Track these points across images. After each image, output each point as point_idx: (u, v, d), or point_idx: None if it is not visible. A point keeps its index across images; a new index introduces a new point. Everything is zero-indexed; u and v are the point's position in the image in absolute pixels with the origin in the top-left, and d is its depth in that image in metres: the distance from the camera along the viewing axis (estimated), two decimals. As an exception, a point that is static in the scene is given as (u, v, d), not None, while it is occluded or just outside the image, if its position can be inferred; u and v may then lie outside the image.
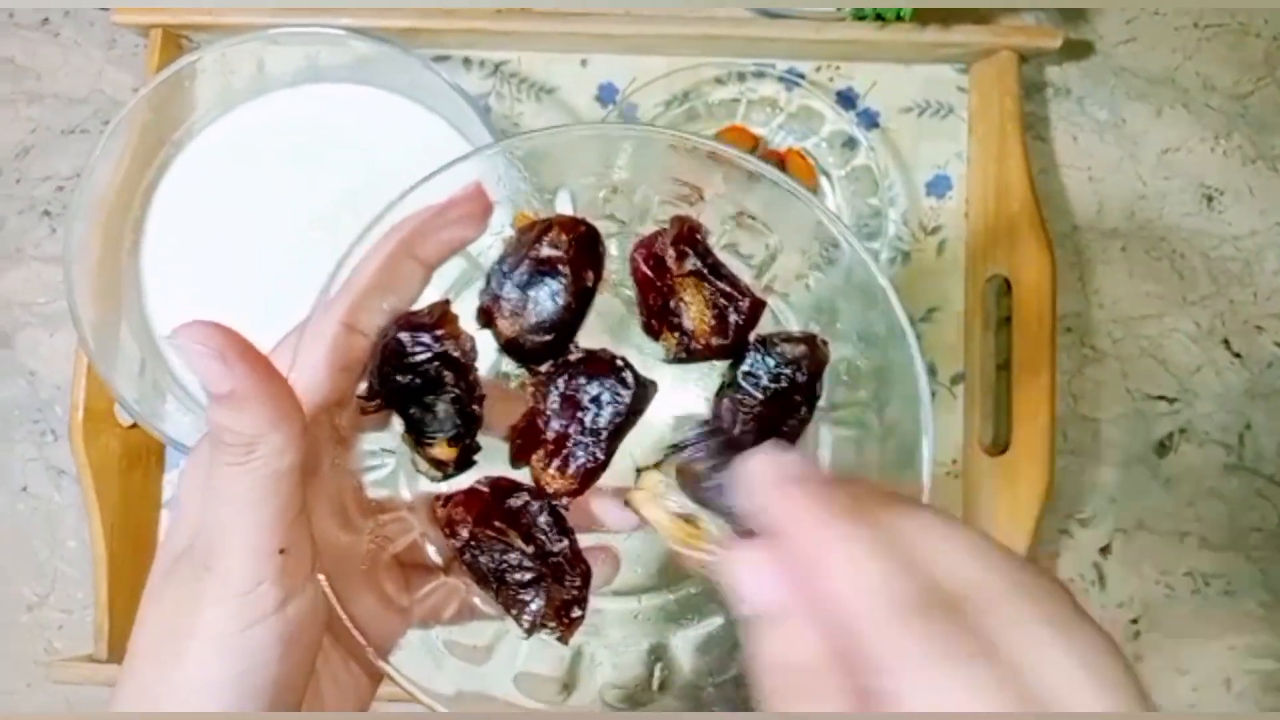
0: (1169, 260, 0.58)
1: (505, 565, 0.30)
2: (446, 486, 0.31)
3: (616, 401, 0.30)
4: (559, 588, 0.30)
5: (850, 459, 0.32)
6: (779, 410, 0.31)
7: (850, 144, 0.55)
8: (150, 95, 0.50)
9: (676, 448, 0.30)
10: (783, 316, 0.34)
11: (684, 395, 0.33)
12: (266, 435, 0.25)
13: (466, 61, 0.58)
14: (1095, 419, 0.57)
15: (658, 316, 0.32)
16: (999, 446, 0.55)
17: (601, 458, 0.30)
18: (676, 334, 0.32)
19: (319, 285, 0.52)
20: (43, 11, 0.60)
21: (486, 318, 0.31)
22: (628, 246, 0.32)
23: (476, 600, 0.32)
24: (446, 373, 0.30)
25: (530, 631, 0.30)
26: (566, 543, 0.31)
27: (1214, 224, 0.58)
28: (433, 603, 0.32)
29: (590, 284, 0.30)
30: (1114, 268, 0.58)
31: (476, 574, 0.31)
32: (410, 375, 0.29)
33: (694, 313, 0.31)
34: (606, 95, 0.58)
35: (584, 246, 0.30)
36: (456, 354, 0.30)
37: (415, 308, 0.31)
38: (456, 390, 0.30)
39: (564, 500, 0.30)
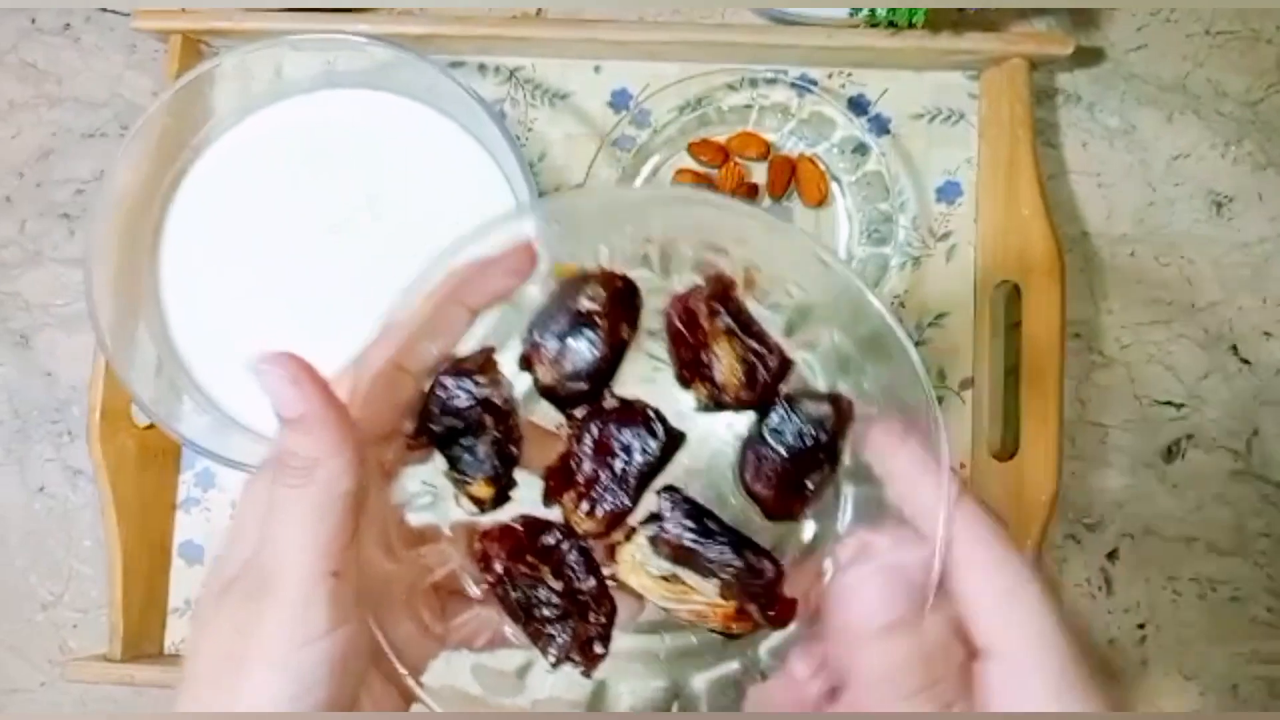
0: (1178, 266, 0.58)
1: (535, 600, 0.31)
2: (486, 519, 0.33)
3: (646, 451, 0.31)
4: (584, 624, 0.32)
5: (873, 516, 0.32)
6: (802, 467, 0.32)
7: (861, 150, 0.56)
8: (170, 100, 0.50)
9: (654, 517, 0.31)
10: (811, 371, 0.35)
11: (711, 441, 0.35)
12: (327, 460, 0.27)
13: (481, 67, 0.59)
14: (1103, 424, 0.58)
15: (689, 368, 0.33)
16: (1007, 452, 0.55)
17: (628, 504, 0.32)
18: (707, 385, 0.33)
19: (335, 289, 0.53)
20: (65, 16, 0.61)
21: (527, 364, 0.33)
22: (663, 298, 0.34)
23: (507, 630, 0.33)
24: (487, 417, 0.31)
25: (556, 664, 0.31)
26: (594, 581, 0.32)
27: (1224, 230, 0.58)
28: (467, 631, 0.33)
29: (625, 336, 0.32)
30: (1123, 274, 0.58)
31: (507, 607, 0.32)
32: (453, 418, 0.31)
33: (724, 366, 0.32)
34: (619, 101, 0.58)
35: (620, 301, 0.32)
36: (497, 400, 0.32)
37: (461, 352, 0.33)
38: (496, 433, 0.32)
39: (590, 539, 0.32)
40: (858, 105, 0.58)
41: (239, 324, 0.53)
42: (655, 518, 0.31)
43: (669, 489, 0.31)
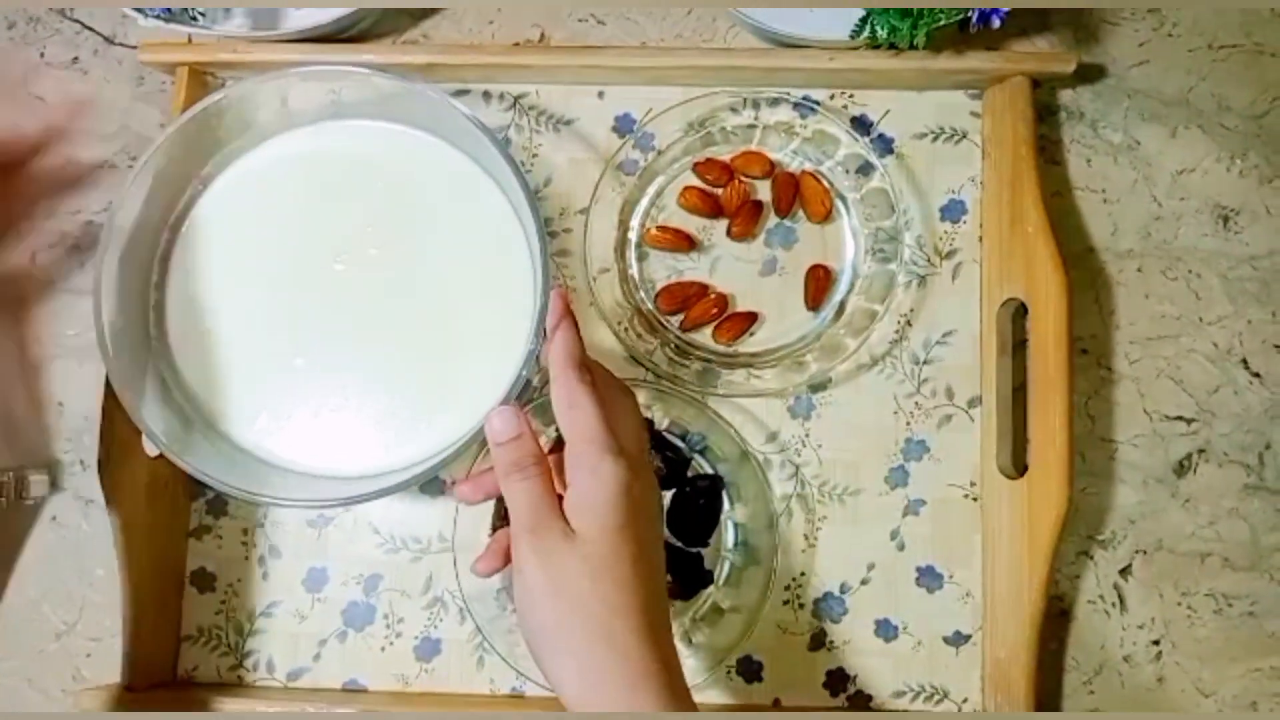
0: (1185, 280, 0.58)
1: None
2: None
3: None
4: None
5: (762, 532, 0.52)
6: (702, 512, 0.55)
7: (865, 169, 0.56)
8: (177, 132, 0.50)
9: None
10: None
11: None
12: (532, 462, 0.43)
13: (486, 95, 0.59)
14: (1113, 440, 0.58)
15: None
16: (1017, 469, 0.55)
17: None
18: None
19: (341, 318, 0.53)
20: (72, 50, 0.62)
21: None
22: None
23: None
24: None
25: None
26: None
27: (1231, 244, 0.58)
28: None
29: None
30: (1130, 289, 0.58)
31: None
32: None
33: (655, 466, 0.54)
34: (624, 125, 0.59)
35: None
36: None
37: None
38: None
39: None
40: (861, 125, 0.58)
41: (246, 354, 0.53)
42: None
43: None
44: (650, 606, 0.41)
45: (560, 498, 0.43)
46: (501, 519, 0.54)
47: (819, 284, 0.57)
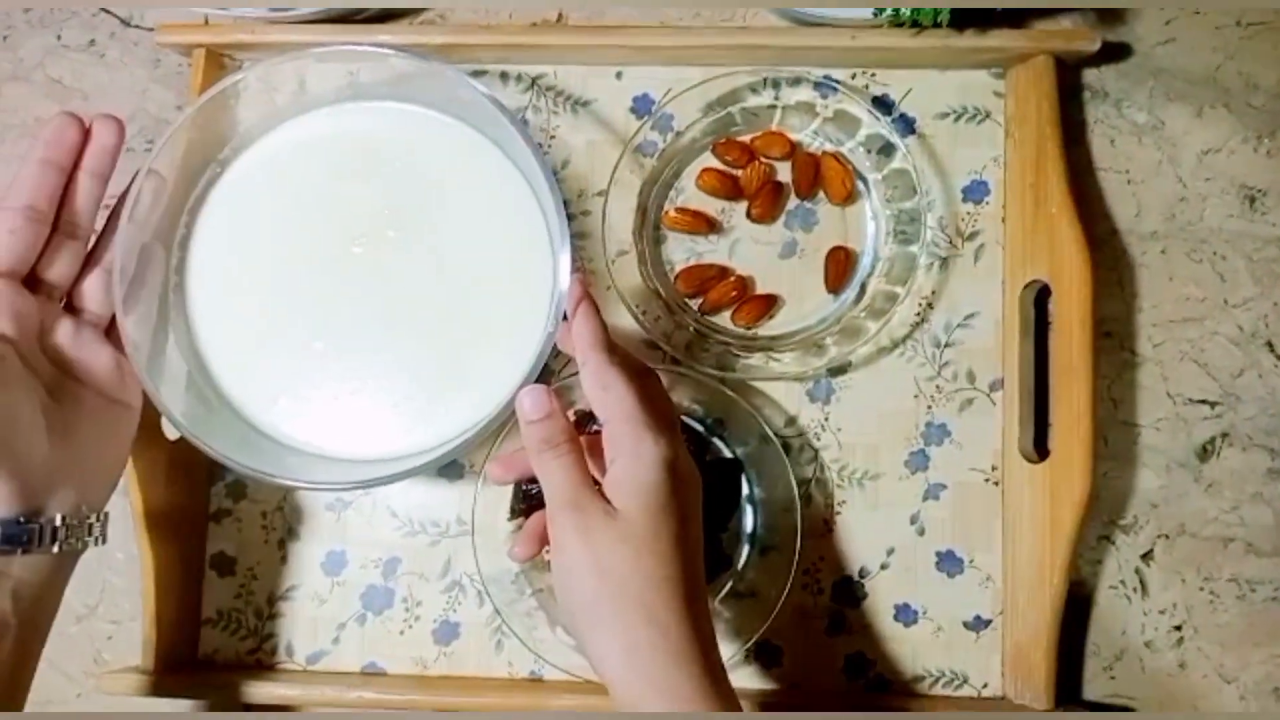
0: (1210, 263, 0.58)
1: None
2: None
3: None
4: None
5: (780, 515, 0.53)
6: (722, 495, 0.55)
7: (887, 149, 0.55)
8: (194, 114, 0.50)
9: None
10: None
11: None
12: (565, 439, 0.43)
13: (503, 75, 0.59)
14: (1136, 424, 0.57)
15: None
16: (1039, 454, 0.54)
17: None
18: None
19: (359, 300, 0.53)
20: (90, 32, 0.61)
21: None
22: None
23: None
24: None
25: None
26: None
27: (1257, 225, 0.58)
28: None
29: None
30: (1154, 271, 0.58)
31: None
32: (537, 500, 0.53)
33: None
34: (642, 106, 0.58)
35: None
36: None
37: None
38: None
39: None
40: (882, 105, 0.58)
41: (265, 338, 0.53)
42: None
43: None
44: (690, 585, 0.42)
45: (594, 478, 0.43)
46: (521, 503, 0.54)
47: (839, 266, 0.56)
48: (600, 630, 0.41)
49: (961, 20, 0.54)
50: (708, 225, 0.57)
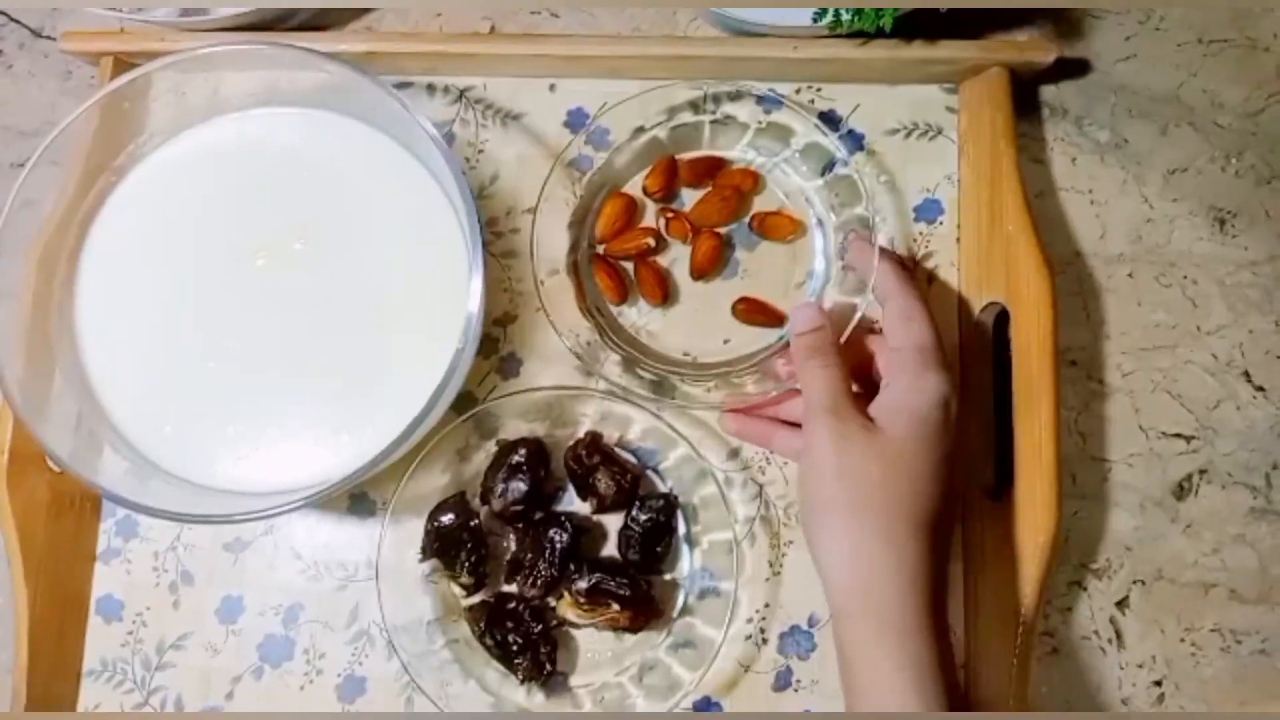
0: (1180, 287, 0.54)
1: (506, 642, 0.49)
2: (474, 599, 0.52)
3: (562, 540, 0.50)
4: (536, 653, 0.49)
5: (721, 558, 0.51)
6: (655, 535, 0.51)
7: (831, 167, 0.52)
8: (86, 117, 0.47)
9: (573, 579, 0.50)
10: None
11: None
12: (833, 351, 0.46)
13: (430, 87, 0.56)
14: (1106, 460, 0.53)
15: (584, 489, 0.52)
16: (1001, 489, 0.50)
17: (555, 574, 0.50)
18: (595, 497, 0.51)
19: (260, 320, 0.49)
20: (-4, 43, 0.58)
21: (484, 499, 0.52)
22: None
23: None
24: (464, 534, 0.50)
25: (523, 682, 0.50)
26: (540, 625, 0.50)
27: (1228, 248, 0.54)
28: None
29: (543, 475, 0.51)
30: (1121, 296, 0.54)
31: (491, 651, 0.50)
32: (444, 536, 0.50)
33: (603, 485, 0.51)
34: (576, 121, 0.55)
35: (537, 455, 0.51)
36: (470, 524, 0.51)
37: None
38: (469, 545, 0.50)
39: (535, 601, 0.50)
40: (829, 121, 0.54)
41: (155, 358, 0.49)
42: (575, 578, 0.50)
43: (579, 559, 0.50)
44: (934, 517, 0.42)
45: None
46: (434, 542, 0.49)
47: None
48: (834, 536, 0.42)
49: (909, 30, 0.51)
50: (647, 245, 0.53)
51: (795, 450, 0.49)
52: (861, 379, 0.49)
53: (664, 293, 0.53)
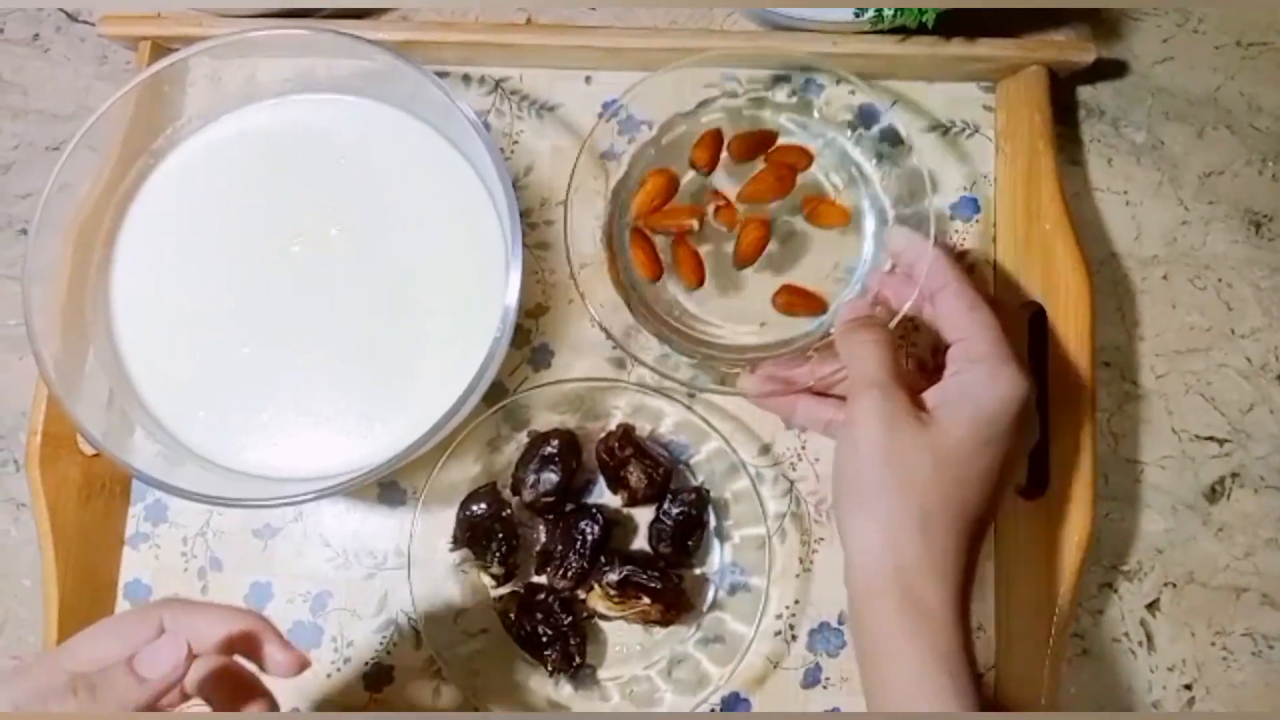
0: (1215, 290, 0.54)
1: (536, 634, 0.49)
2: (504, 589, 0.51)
3: (593, 532, 0.49)
4: (566, 645, 0.49)
5: (752, 553, 0.51)
6: (686, 529, 0.50)
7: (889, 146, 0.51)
8: (124, 101, 0.47)
9: (605, 570, 0.49)
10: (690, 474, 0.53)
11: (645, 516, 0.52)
12: (882, 326, 0.44)
13: (466, 78, 0.56)
14: (1139, 462, 0.53)
15: (615, 481, 0.51)
16: (1036, 489, 0.50)
17: (586, 566, 0.50)
18: (626, 491, 0.51)
19: (294, 305, 0.48)
20: (33, 26, 0.58)
21: (515, 490, 0.51)
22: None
23: None
24: (496, 525, 0.50)
25: (551, 673, 0.50)
26: (570, 618, 0.49)
27: (1264, 252, 0.54)
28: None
29: (574, 466, 0.51)
30: (1155, 297, 0.54)
31: (519, 641, 0.50)
32: (474, 526, 0.50)
33: (634, 479, 0.50)
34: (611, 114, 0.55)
35: (569, 447, 0.51)
36: (502, 514, 0.50)
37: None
38: (500, 535, 0.50)
39: (565, 593, 0.50)
40: (866, 116, 0.54)
41: (190, 343, 0.49)
42: (606, 570, 0.49)
43: (610, 552, 0.50)
44: (978, 525, 0.40)
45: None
46: (465, 532, 0.49)
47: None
48: (867, 516, 0.40)
49: (948, 28, 0.51)
50: (689, 218, 0.51)
51: (820, 420, 0.47)
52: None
53: (700, 277, 0.51)
